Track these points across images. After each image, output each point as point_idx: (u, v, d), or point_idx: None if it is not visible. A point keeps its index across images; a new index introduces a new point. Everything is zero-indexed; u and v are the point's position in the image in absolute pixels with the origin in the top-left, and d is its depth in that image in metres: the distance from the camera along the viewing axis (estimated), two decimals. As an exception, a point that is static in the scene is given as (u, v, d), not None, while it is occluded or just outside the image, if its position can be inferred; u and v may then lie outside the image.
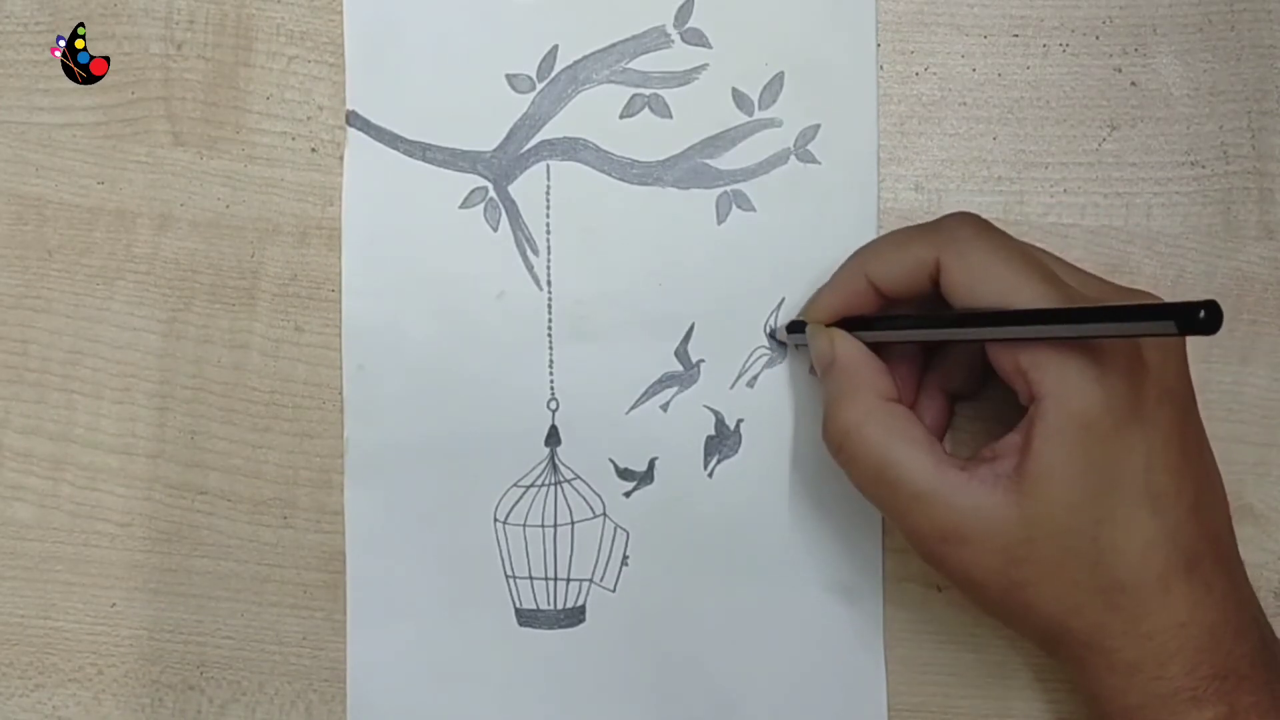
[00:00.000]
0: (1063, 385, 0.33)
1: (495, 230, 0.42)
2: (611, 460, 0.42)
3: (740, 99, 0.42)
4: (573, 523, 0.42)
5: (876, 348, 0.38)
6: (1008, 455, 0.34)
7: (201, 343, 0.42)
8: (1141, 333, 0.30)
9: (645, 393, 0.42)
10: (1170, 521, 0.34)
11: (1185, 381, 0.35)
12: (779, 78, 0.42)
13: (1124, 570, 0.34)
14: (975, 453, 0.35)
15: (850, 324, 0.38)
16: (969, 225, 0.36)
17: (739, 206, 0.42)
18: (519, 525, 0.42)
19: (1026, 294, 0.33)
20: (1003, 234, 0.36)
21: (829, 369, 0.38)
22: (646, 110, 0.42)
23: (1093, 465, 0.33)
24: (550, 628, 0.42)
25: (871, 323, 0.38)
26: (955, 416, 0.41)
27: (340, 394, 0.42)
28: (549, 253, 0.42)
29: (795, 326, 0.40)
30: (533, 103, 0.42)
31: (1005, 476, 0.34)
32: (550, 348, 0.42)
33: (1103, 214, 0.42)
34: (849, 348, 0.38)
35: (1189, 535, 0.34)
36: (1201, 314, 0.28)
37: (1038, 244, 0.42)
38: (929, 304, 0.36)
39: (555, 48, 0.42)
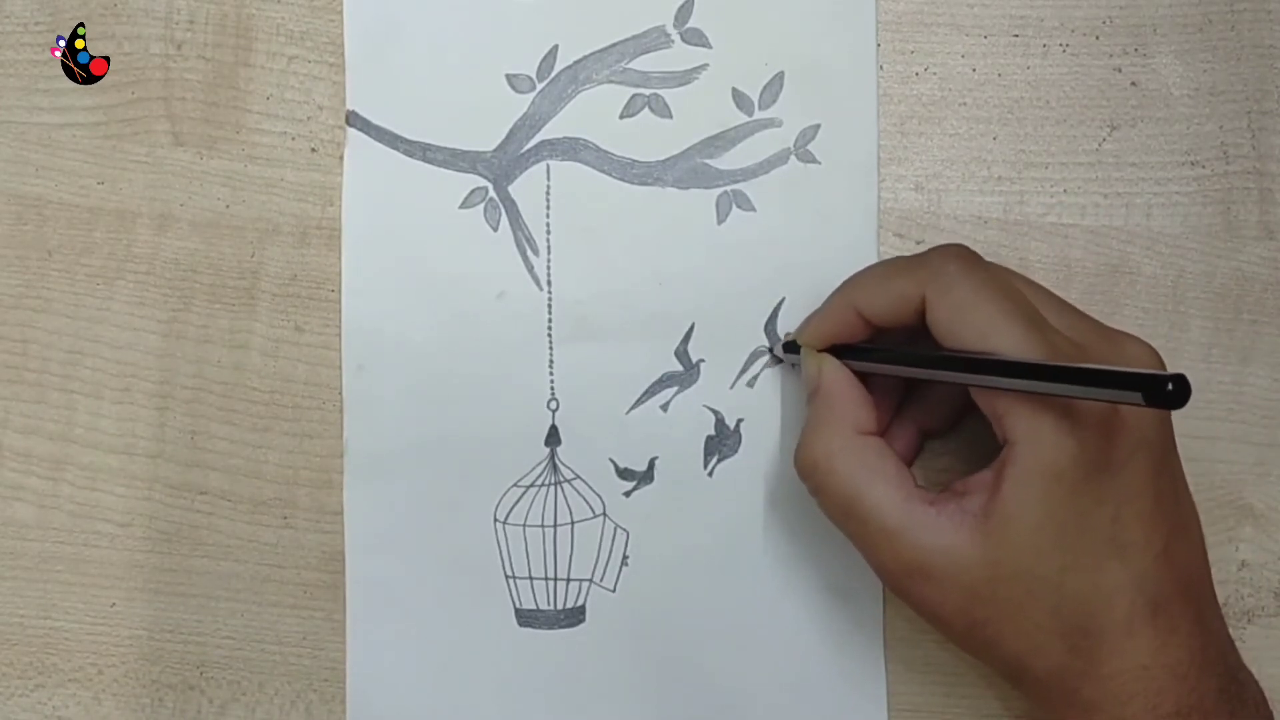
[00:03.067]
0: (1035, 435, 0.33)
1: (495, 230, 0.42)
2: (611, 460, 0.42)
3: (740, 99, 0.42)
4: (573, 523, 0.42)
5: (861, 374, 0.38)
6: (977, 492, 0.34)
7: (201, 343, 0.42)
8: (1110, 399, 0.30)
9: (645, 393, 0.42)
10: (1137, 569, 0.34)
11: (1162, 431, 0.35)
12: (779, 78, 0.42)
13: (1087, 616, 0.34)
14: (947, 485, 0.35)
15: (841, 349, 0.38)
16: (955, 261, 0.36)
17: (739, 206, 0.42)
18: (519, 525, 0.42)
19: (1007, 340, 0.33)
20: (989, 271, 0.36)
21: (813, 395, 0.38)
22: (646, 110, 0.42)
23: (1060, 514, 0.33)
24: (550, 628, 0.42)
25: (861, 351, 0.38)
26: (930, 445, 0.41)
27: (340, 394, 0.42)
28: (549, 253, 0.42)
29: (792, 346, 0.40)
30: (533, 103, 0.42)
31: (972, 515, 0.34)
32: (550, 348, 0.42)
33: (1103, 214, 0.42)
34: (834, 376, 0.38)
35: (1156, 581, 0.34)
36: (1169, 387, 0.28)
37: (1037, 244, 0.42)
38: (920, 333, 0.36)
39: (555, 48, 0.42)
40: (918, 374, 0.36)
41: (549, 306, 0.42)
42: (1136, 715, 0.34)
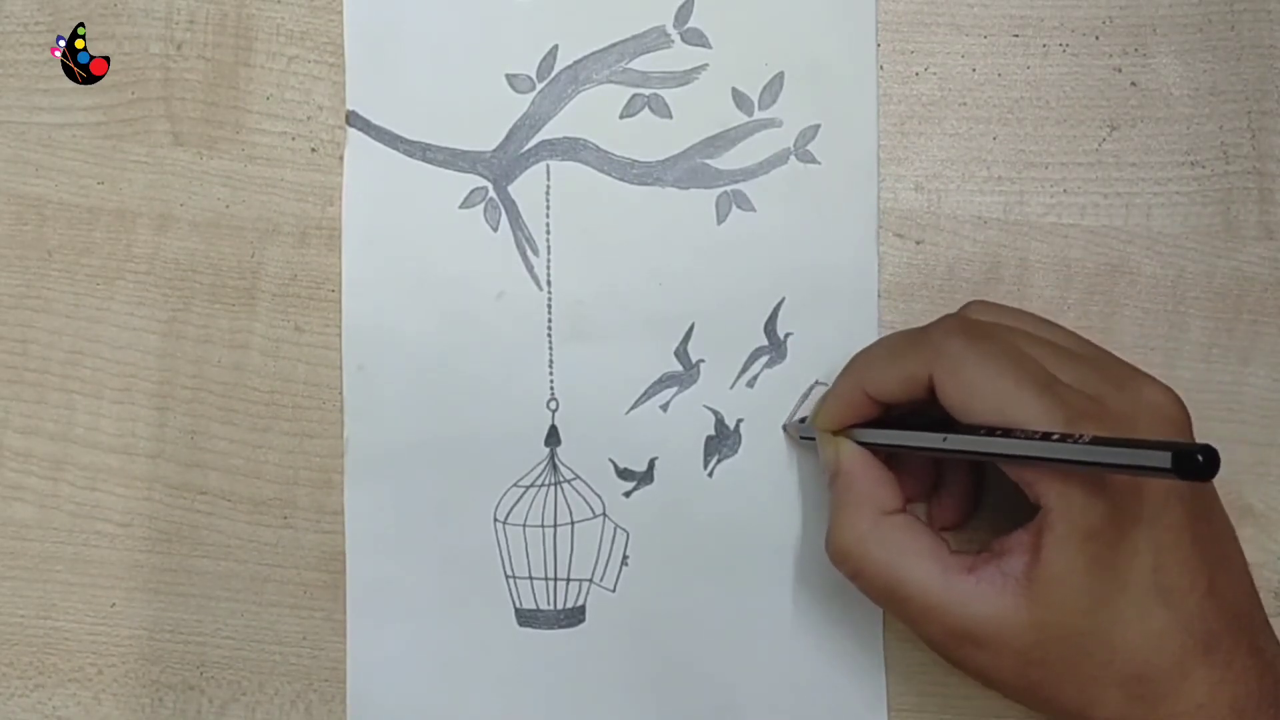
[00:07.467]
0: (1066, 500, 0.33)
1: (495, 230, 0.42)
2: (611, 460, 0.42)
3: (740, 99, 0.42)
4: (573, 523, 0.42)
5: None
6: (1016, 553, 0.34)
7: (201, 343, 0.42)
8: (1136, 471, 0.30)
9: (645, 393, 0.42)
10: (1184, 611, 0.34)
11: None
12: (779, 78, 0.42)
13: (1139, 663, 0.34)
14: (984, 545, 0.35)
15: (859, 427, 0.38)
16: (957, 337, 0.35)
17: (739, 206, 0.42)
18: (519, 525, 0.42)
19: (1024, 411, 0.33)
20: (993, 340, 0.35)
21: (834, 479, 0.38)
22: (646, 110, 0.42)
23: (1100, 571, 0.33)
24: (550, 628, 0.42)
25: (880, 428, 0.38)
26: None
27: (340, 394, 0.42)
28: (549, 253, 0.42)
29: (808, 429, 0.40)
30: (533, 103, 0.42)
31: (1014, 579, 0.34)
32: (550, 348, 0.42)
33: (1103, 214, 0.42)
34: (853, 459, 0.38)
35: (1204, 619, 0.34)
36: (1199, 459, 0.28)
37: (1037, 244, 0.42)
38: (936, 404, 0.36)
39: (555, 48, 0.42)
40: (939, 454, 0.35)
41: (549, 306, 0.42)
42: None
